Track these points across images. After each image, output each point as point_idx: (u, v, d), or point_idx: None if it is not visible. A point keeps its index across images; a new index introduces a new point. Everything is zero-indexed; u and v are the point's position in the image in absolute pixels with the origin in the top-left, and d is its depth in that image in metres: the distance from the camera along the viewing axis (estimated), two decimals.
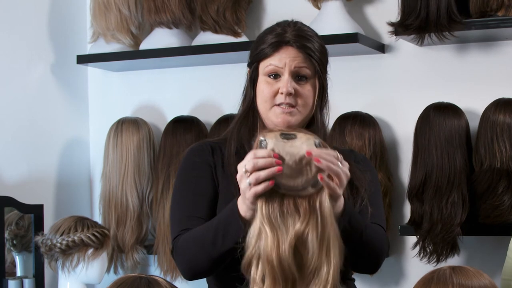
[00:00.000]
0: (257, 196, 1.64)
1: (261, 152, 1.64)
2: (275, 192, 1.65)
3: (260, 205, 1.64)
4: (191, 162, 1.98)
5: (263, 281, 1.61)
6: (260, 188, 1.63)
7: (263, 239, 1.61)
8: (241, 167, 1.68)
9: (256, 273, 1.61)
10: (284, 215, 1.63)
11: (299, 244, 1.62)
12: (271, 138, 1.67)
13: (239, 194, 1.72)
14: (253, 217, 1.68)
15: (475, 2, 2.55)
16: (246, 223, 1.72)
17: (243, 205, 1.73)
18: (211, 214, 1.90)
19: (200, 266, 1.85)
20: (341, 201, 1.76)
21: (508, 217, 2.50)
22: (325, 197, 1.66)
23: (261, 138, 1.68)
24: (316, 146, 1.67)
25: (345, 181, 1.70)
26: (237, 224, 1.74)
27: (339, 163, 1.68)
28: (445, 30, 2.55)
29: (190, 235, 1.86)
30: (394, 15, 2.65)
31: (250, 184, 1.64)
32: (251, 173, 1.64)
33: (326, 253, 1.62)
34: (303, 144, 1.66)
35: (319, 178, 1.65)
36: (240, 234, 1.72)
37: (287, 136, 1.68)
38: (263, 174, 1.62)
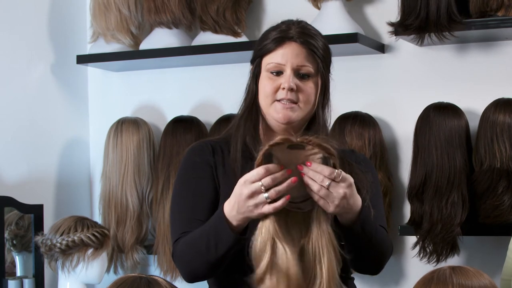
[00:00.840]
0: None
1: (273, 168, 1.65)
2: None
3: (272, 220, 1.67)
4: (192, 162, 1.97)
5: None
6: (279, 203, 1.66)
7: (278, 254, 1.64)
8: (253, 184, 1.68)
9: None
10: (289, 229, 1.67)
11: (300, 258, 1.66)
12: (277, 152, 1.68)
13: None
14: (242, 226, 1.72)
15: (475, 2, 2.55)
16: (236, 231, 1.73)
17: (233, 212, 1.74)
18: (212, 214, 1.90)
19: (199, 270, 1.86)
20: (356, 207, 1.76)
21: (508, 217, 2.50)
22: (320, 210, 1.69)
23: (268, 151, 1.68)
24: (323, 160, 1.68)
25: (336, 201, 1.70)
26: (226, 233, 1.74)
27: (327, 182, 1.67)
28: (445, 30, 2.55)
29: (187, 239, 1.87)
30: (394, 15, 2.65)
31: (267, 199, 1.66)
32: (268, 189, 1.66)
33: (319, 266, 1.65)
34: (307, 157, 1.67)
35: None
36: (231, 240, 1.74)
37: (294, 147, 1.68)
38: (282, 187, 1.65)
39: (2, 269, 2.72)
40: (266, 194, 1.66)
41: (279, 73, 1.91)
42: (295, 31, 1.91)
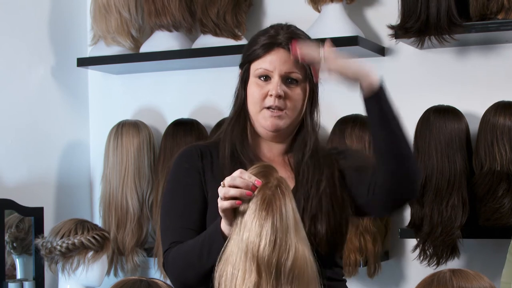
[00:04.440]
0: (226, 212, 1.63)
1: (245, 174, 1.62)
2: None
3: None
4: (181, 169, 1.97)
5: None
6: (225, 204, 1.62)
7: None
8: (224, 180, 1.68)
9: None
10: None
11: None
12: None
13: None
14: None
15: (475, 5, 2.55)
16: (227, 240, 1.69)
17: (222, 221, 1.72)
18: (202, 223, 1.91)
19: (189, 280, 1.85)
20: (371, 79, 1.85)
21: (508, 220, 2.50)
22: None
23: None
24: None
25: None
26: (219, 242, 1.71)
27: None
28: (445, 33, 2.55)
29: (179, 250, 1.87)
30: (394, 18, 2.66)
31: (221, 198, 1.64)
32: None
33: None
34: None
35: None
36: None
37: None
38: (232, 191, 1.61)
39: (2, 271, 2.72)
40: (220, 192, 1.63)
41: (267, 78, 1.91)
42: (284, 37, 1.91)
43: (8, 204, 2.77)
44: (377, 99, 1.85)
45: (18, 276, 2.87)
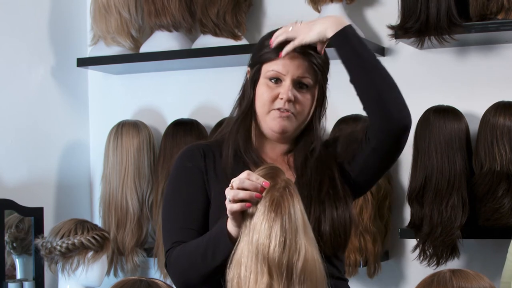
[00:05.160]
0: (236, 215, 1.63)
1: (253, 176, 1.62)
2: None
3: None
4: (183, 168, 1.97)
5: None
6: (235, 206, 1.62)
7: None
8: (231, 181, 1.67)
9: None
10: None
11: None
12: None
13: None
14: (238, 235, 1.67)
15: (475, 5, 2.55)
16: (234, 241, 1.68)
17: (230, 222, 1.71)
18: (204, 223, 1.91)
19: (192, 280, 1.85)
20: (328, 20, 1.90)
21: (508, 220, 2.50)
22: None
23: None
24: None
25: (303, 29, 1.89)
26: (225, 243, 1.72)
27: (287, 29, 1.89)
28: (445, 33, 2.55)
29: (182, 250, 1.86)
30: (394, 18, 2.66)
31: (229, 201, 1.64)
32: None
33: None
34: None
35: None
36: (229, 251, 1.67)
37: None
38: (242, 194, 1.61)
39: (2, 272, 2.72)
40: (229, 194, 1.64)
41: (278, 80, 1.91)
42: None
43: (8, 204, 2.78)
44: (343, 35, 1.88)
45: (18, 276, 2.87)
